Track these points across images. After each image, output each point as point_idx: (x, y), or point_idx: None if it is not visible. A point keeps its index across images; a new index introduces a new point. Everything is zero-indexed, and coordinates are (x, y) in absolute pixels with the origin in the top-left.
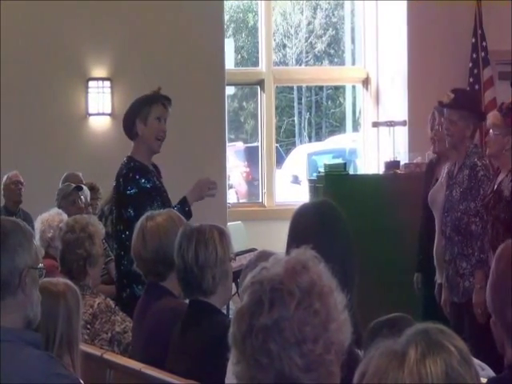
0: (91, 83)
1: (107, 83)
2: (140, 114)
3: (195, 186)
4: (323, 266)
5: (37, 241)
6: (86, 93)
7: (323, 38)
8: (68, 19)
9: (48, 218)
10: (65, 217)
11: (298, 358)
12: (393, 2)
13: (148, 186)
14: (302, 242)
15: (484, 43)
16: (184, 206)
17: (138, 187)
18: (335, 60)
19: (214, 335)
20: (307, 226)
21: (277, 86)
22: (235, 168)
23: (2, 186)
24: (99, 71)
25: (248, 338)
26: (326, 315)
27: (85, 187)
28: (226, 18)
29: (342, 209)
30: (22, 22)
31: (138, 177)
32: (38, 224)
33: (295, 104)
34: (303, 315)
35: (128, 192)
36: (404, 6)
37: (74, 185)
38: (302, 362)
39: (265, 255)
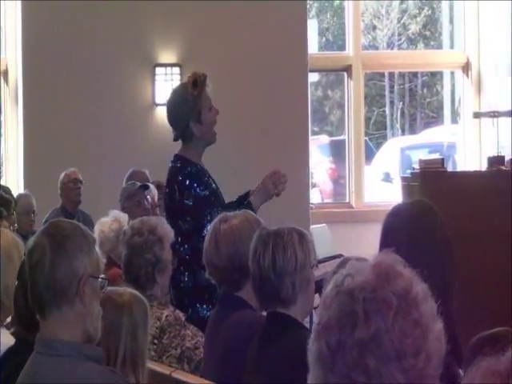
0: (158, 70)
1: (176, 70)
2: (193, 116)
3: (261, 187)
4: (410, 271)
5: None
6: (153, 80)
7: (418, 19)
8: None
9: (104, 230)
10: (124, 221)
11: (399, 374)
12: None
13: (206, 193)
14: (395, 246)
15: None
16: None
17: (195, 197)
18: (431, 43)
19: (294, 351)
20: (401, 229)
21: (366, 73)
22: (319, 164)
23: (60, 185)
24: (167, 56)
25: (339, 355)
26: (425, 325)
27: (151, 186)
28: None
29: (440, 210)
30: (85, 4)
31: (195, 185)
32: (95, 234)
33: (386, 92)
34: (403, 326)
35: (186, 202)
36: None
37: (139, 183)
38: (404, 378)
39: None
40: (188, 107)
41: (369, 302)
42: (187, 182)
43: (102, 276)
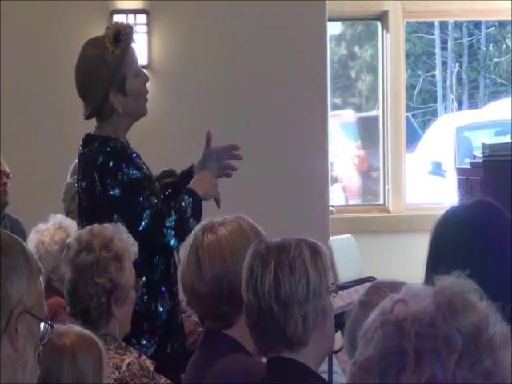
0: (117, 18)
1: (142, 18)
2: (114, 84)
3: (206, 158)
4: (489, 305)
5: None
6: None
7: None
8: None
9: (44, 241)
10: (72, 230)
11: None
12: None
13: (138, 174)
14: (449, 264)
15: None
16: (195, 206)
17: (124, 183)
18: None
19: None
20: (457, 242)
21: (408, 22)
22: (343, 151)
23: None
24: (129, 0)
25: None
26: (501, 379)
27: None
28: None
29: (510, 213)
30: None
31: (124, 165)
32: (30, 247)
33: (437, 50)
34: (469, 377)
35: (111, 193)
36: None
37: None
38: None
39: (380, 290)
40: (107, 72)
41: (423, 339)
42: (111, 164)
43: (47, 321)
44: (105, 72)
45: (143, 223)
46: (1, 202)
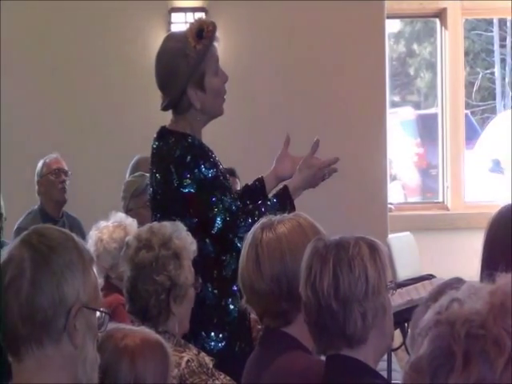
0: (175, 17)
1: (200, 16)
2: (193, 79)
3: (307, 172)
4: None
5: None
6: (168, 31)
7: None
8: None
9: (103, 238)
10: (131, 228)
11: None
12: None
13: (214, 172)
14: (503, 263)
15: None
16: (283, 201)
17: (200, 181)
18: None
19: None
20: (510, 241)
21: (466, 20)
22: (402, 148)
23: (37, 179)
24: None
25: None
26: None
27: None
28: None
29: None
30: None
31: (201, 162)
32: (90, 244)
33: (496, 47)
34: None
35: (184, 190)
36: None
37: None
38: None
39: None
40: (188, 66)
41: (473, 340)
42: (188, 159)
43: (103, 309)
44: (185, 66)
45: (216, 228)
46: (60, 200)
